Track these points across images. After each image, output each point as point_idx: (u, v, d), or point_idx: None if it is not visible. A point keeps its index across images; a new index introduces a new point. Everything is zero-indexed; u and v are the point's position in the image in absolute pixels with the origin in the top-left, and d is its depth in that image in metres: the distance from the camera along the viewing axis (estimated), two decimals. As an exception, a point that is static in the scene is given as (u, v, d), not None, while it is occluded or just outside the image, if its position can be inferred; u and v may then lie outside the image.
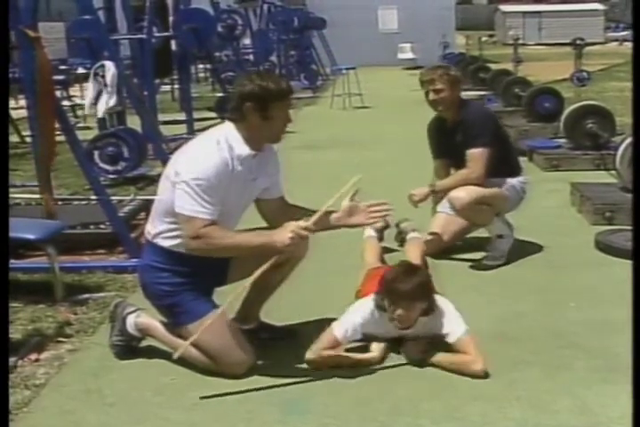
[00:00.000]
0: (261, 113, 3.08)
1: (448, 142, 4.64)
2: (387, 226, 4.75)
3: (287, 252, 3.12)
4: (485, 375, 3.08)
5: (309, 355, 3.20)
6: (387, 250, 4.60)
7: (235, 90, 3.22)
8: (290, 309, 3.81)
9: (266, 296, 3.52)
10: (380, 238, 4.62)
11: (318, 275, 4.40)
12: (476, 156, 4.43)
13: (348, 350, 3.27)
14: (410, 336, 3.28)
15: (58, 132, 5.05)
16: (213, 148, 3.07)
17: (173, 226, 3.12)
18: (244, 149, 3.12)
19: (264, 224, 3.43)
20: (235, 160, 3.09)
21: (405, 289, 3.10)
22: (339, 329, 3.23)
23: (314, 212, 3.23)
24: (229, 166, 3.07)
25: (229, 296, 3.21)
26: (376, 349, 3.31)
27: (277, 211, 3.37)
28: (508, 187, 4.58)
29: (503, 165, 4.54)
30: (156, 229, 3.19)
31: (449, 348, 3.20)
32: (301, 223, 3.04)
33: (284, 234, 3.01)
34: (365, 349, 3.32)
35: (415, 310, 3.16)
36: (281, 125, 3.18)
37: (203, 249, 3.05)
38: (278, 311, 3.67)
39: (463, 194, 4.37)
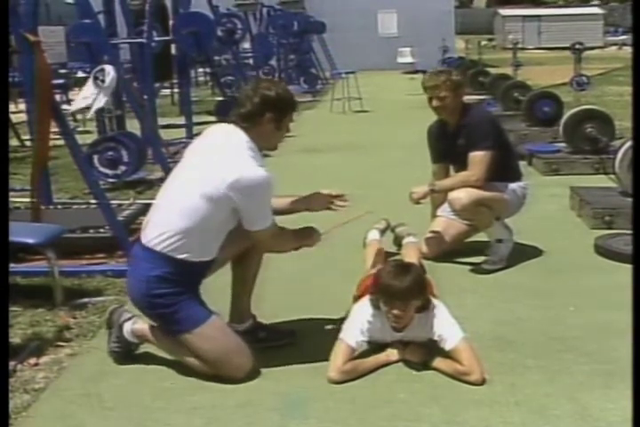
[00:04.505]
0: (277, 123, 3.17)
1: (450, 146, 4.64)
2: (387, 227, 4.76)
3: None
4: (483, 383, 3.07)
5: (332, 375, 3.13)
6: (388, 254, 4.59)
7: (253, 96, 3.16)
8: (289, 312, 3.81)
9: (250, 287, 3.53)
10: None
11: (318, 278, 4.40)
12: (478, 159, 4.43)
13: (361, 356, 3.25)
14: (406, 339, 3.27)
15: (56, 136, 5.06)
16: (253, 163, 3.08)
17: (194, 239, 3.09)
18: (259, 157, 3.18)
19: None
20: None
21: (401, 287, 3.08)
22: (349, 337, 3.21)
23: (282, 198, 3.47)
24: None
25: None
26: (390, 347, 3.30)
27: None
28: (508, 191, 4.59)
29: (504, 169, 4.55)
30: (174, 241, 3.10)
31: (447, 353, 3.19)
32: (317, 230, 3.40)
33: (315, 236, 3.40)
34: (373, 351, 3.31)
35: (411, 308, 3.15)
36: (284, 135, 3.29)
37: (277, 249, 3.42)
38: (277, 314, 3.68)
39: (463, 195, 4.38)
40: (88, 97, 6.81)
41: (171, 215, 3.14)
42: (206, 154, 3.19)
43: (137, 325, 3.36)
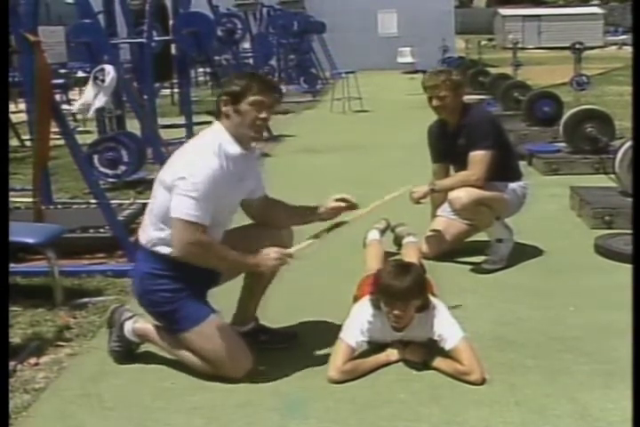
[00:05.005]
0: (233, 106, 3.12)
1: (450, 146, 4.64)
2: (387, 226, 4.76)
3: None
4: (483, 382, 3.07)
5: (332, 375, 3.13)
6: (388, 254, 4.59)
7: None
8: (289, 312, 3.81)
9: (259, 294, 3.52)
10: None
11: (318, 278, 4.40)
12: (478, 158, 4.43)
13: (361, 356, 3.25)
14: (406, 339, 3.27)
15: (57, 136, 5.06)
16: (210, 153, 3.06)
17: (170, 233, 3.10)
18: (235, 149, 3.13)
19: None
20: (229, 162, 3.10)
21: (401, 288, 3.07)
22: (349, 337, 3.21)
23: (295, 207, 3.49)
24: (224, 169, 3.07)
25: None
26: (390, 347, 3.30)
27: (261, 209, 3.42)
28: (508, 191, 4.59)
29: (504, 169, 4.55)
30: (153, 236, 3.16)
31: (448, 353, 3.19)
32: (285, 251, 3.15)
33: (270, 261, 3.12)
34: (373, 351, 3.31)
35: (411, 308, 3.15)
36: (253, 120, 3.13)
37: (197, 256, 3.05)
38: (277, 315, 3.67)
39: (463, 194, 4.38)
40: (89, 98, 6.82)
41: (150, 211, 3.21)
42: (182, 152, 3.22)
43: (138, 324, 3.36)
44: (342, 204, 3.45)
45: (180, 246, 3.03)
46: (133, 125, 7.91)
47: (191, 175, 2.99)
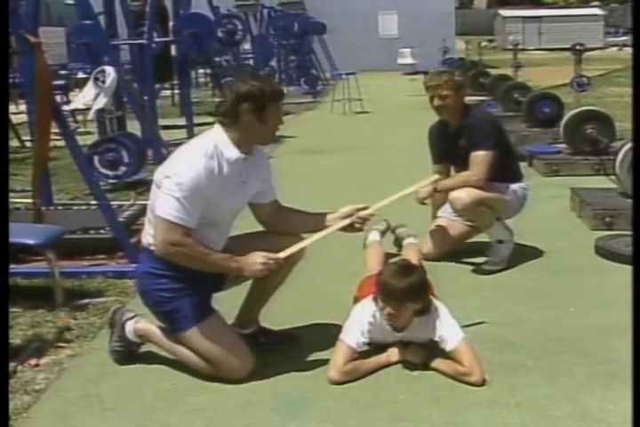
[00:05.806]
0: (258, 114, 3.09)
1: (451, 147, 4.64)
2: (388, 228, 4.76)
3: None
4: (484, 383, 3.07)
5: (333, 375, 3.13)
6: (388, 255, 4.59)
7: (229, 92, 3.18)
8: (289, 313, 3.81)
9: (264, 300, 3.52)
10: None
11: (319, 279, 4.40)
12: (479, 159, 4.43)
13: (362, 356, 3.25)
14: (407, 339, 3.27)
15: (57, 137, 5.06)
16: (201, 154, 3.05)
17: None
18: (233, 153, 3.11)
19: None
20: (224, 164, 3.09)
21: (397, 287, 3.07)
22: (349, 338, 3.20)
23: (308, 214, 3.44)
24: (216, 172, 3.06)
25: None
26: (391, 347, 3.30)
27: (272, 214, 3.42)
28: (509, 192, 4.59)
29: (505, 170, 4.55)
30: (149, 235, 3.17)
31: (448, 354, 3.19)
32: (272, 255, 3.11)
33: (254, 266, 3.08)
34: (374, 351, 3.31)
35: (406, 310, 3.14)
36: (274, 127, 3.20)
37: (177, 256, 3.05)
38: (278, 316, 3.67)
39: (464, 194, 4.38)
40: (87, 97, 6.83)
41: (148, 210, 3.22)
42: (177, 152, 3.22)
43: (139, 324, 3.36)
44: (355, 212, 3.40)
45: (162, 246, 3.05)
46: (134, 126, 7.91)
47: (176, 174, 3.00)
